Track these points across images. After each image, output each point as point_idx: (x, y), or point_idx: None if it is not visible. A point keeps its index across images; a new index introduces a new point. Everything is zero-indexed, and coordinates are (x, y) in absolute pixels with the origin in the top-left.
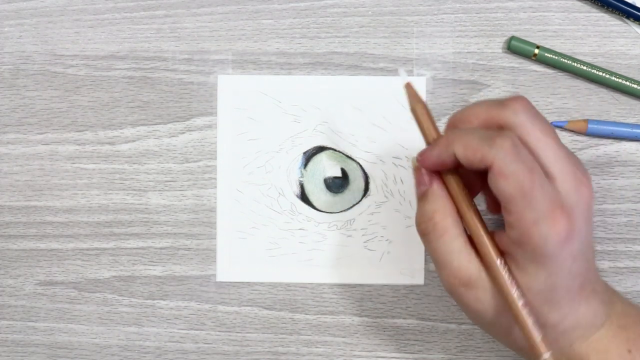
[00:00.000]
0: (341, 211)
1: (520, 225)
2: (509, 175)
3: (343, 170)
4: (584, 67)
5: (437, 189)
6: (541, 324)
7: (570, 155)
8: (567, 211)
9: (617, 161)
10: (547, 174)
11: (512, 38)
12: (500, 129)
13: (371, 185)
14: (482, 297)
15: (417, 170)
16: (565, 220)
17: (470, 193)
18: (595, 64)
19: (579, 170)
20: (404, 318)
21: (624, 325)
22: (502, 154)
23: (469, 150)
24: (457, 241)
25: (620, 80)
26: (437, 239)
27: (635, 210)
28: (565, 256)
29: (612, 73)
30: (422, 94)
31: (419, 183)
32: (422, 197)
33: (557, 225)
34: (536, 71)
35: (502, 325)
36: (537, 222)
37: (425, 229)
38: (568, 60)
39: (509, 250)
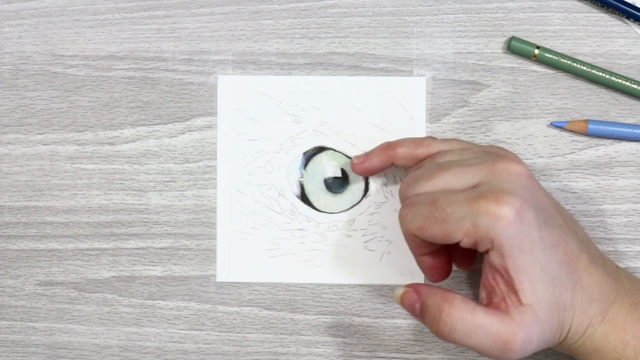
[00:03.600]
0: (341, 211)
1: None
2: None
3: (343, 171)
4: (584, 68)
5: (425, 293)
6: (560, 306)
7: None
8: (495, 196)
9: (617, 161)
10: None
11: (512, 38)
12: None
13: (371, 186)
14: (530, 332)
15: (404, 295)
16: (496, 204)
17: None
18: (595, 64)
19: (492, 153)
20: (404, 318)
21: (636, 303)
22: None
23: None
24: (478, 314)
25: (620, 81)
26: (464, 329)
27: (635, 210)
28: (526, 231)
29: (612, 73)
30: (422, 94)
31: (410, 306)
32: (421, 313)
33: (496, 213)
34: (536, 71)
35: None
36: (476, 223)
37: (448, 333)
38: (568, 60)
39: (500, 268)
